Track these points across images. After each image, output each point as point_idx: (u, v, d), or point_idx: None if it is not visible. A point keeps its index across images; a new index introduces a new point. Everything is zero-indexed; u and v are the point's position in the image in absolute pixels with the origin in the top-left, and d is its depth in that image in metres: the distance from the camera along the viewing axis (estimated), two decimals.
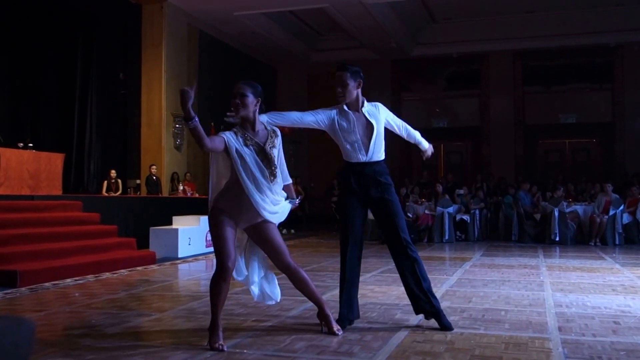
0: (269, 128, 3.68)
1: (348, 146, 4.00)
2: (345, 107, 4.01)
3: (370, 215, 4.21)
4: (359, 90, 4.04)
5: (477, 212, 12.51)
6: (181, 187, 12.51)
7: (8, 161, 8.82)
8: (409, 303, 4.80)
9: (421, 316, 4.29)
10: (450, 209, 12.05)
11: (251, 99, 3.56)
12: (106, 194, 11.48)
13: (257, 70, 17.38)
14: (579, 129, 17.64)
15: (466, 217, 12.29)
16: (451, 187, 13.57)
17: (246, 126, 3.62)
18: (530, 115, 17.82)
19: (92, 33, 12.73)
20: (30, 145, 9.81)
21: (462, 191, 12.96)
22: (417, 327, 3.99)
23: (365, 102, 4.09)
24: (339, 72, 3.98)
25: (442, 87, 19.27)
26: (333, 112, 4.06)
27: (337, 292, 4.19)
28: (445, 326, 3.86)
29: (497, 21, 16.35)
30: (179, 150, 13.55)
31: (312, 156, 18.68)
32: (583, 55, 17.04)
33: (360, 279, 6.19)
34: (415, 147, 4.63)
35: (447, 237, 11.87)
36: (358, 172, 3.98)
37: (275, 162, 3.58)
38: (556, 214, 11.31)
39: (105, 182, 11.87)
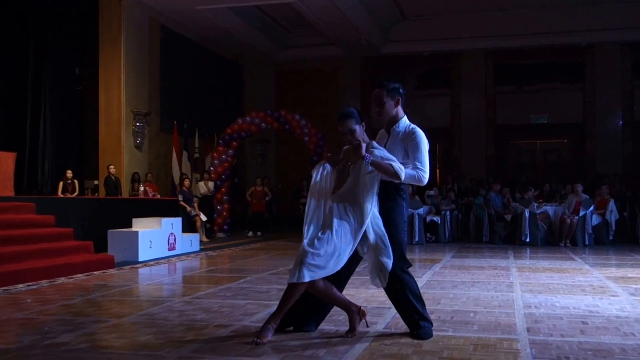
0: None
1: None
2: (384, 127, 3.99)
3: None
4: (399, 109, 3.96)
5: (448, 213, 12.68)
6: (142, 188, 12.36)
7: None
8: (378, 306, 4.87)
9: (389, 319, 4.35)
10: (421, 210, 12.19)
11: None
12: (62, 196, 11.28)
13: (222, 67, 17.29)
14: (550, 129, 18.03)
15: (437, 219, 12.45)
16: (421, 188, 13.70)
17: None
18: (501, 116, 18.14)
19: (45, 25, 12.47)
20: None
21: (432, 192, 13.11)
22: (385, 329, 4.03)
23: (402, 122, 3.95)
24: (376, 90, 3.95)
25: (412, 87, 19.42)
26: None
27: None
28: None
29: (469, 19, 16.58)
30: (140, 149, 13.39)
31: (280, 156, 18.68)
32: (555, 55, 17.42)
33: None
34: None
35: (417, 239, 11.99)
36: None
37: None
38: (527, 215, 11.55)
39: (61, 182, 11.66)
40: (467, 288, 5.91)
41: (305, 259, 3.55)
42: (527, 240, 11.48)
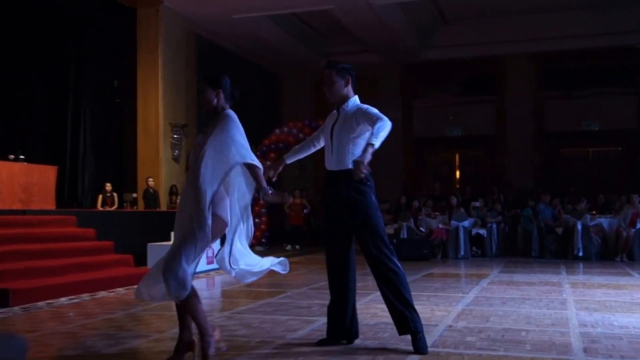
0: None
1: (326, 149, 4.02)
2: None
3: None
4: (349, 88, 4.00)
5: (494, 226, 12.50)
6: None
7: None
8: (425, 322, 4.82)
9: (436, 337, 4.32)
10: (466, 223, 12.05)
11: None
12: (101, 209, 11.55)
13: (260, 77, 17.48)
14: (602, 136, 17.59)
15: (483, 232, 12.28)
16: (466, 200, 13.56)
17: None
18: (550, 122, 17.78)
19: (84, 39, 12.83)
20: (22, 157, 9.87)
21: (477, 204, 12.96)
22: (432, 348, 4.00)
23: (352, 101, 3.98)
24: (326, 70, 3.99)
25: (455, 93, 19.24)
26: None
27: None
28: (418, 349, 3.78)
29: (514, 22, 16.34)
30: (177, 161, 13.62)
31: (318, 168, 18.69)
32: (606, 57, 17.02)
33: (370, 297, 6.24)
34: (429, 157, 4.56)
35: (462, 253, 11.86)
36: (328, 184, 4.00)
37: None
38: (579, 227, 11.30)
39: (100, 195, 11.93)
40: (517, 305, 5.82)
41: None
42: (580, 254, 11.22)
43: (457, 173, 19.06)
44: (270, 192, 3.55)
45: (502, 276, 8.53)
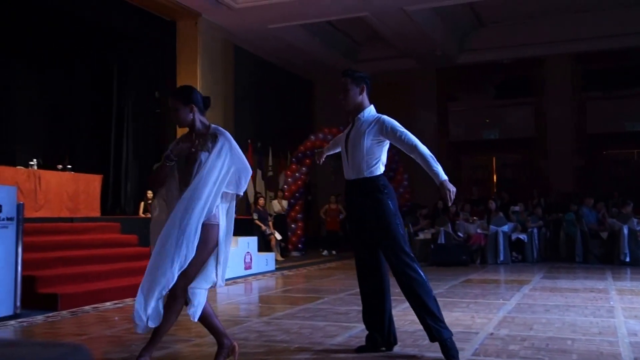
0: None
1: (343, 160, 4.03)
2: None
3: (422, 235, 4.21)
4: (364, 97, 3.99)
5: (535, 230, 12.26)
6: None
7: (48, 183, 9.19)
8: (463, 330, 4.77)
9: (477, 345, 4.25)
10: (505, 228, 11.86)
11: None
12: (143, 215, 11.76)
13: (294, 84, 17.59)
14: None
15: (523, 236, 12.05)
16: (505, 204, 13.34)
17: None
18: (592, 124, 17.34)
19: (126, 51, 13.13)
20: (69, 166, 10.16)
21: (517, 208, 12.74)
22: (473, 356, 3.94)
23: (367, 111, 3.98)
24: (342, 78, 3.99)
25: (492, 96, 19.00)
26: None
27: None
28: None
29: (552, 23, 16.05)
30: None
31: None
32: None
33: (407, 304, 6.16)
34: (465, 160, 4.54)
35: (502, 258, 11.66)
36: (347, 192, 4.00)
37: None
38: (625, 231, 11.00)
39: (143, 203, 12.15)
40: (562, 312, 5.68)
41: None
42: (627, 259, 10.92)
43: (494, 177, 18.80)
44: None
45: (545, 282, 8.35)
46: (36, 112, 11.50)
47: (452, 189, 3.70)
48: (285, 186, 14.37)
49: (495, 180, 18.64)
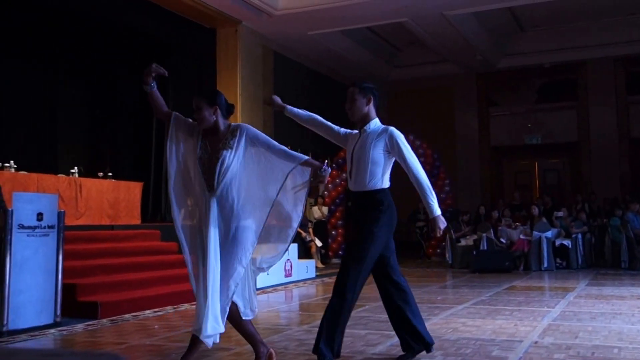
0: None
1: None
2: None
3: (464, 242, 4.14)
4: (371, 108, 3.94)
5: (580, 236, 11.94)
6: None
7: (89, 191, 9.30)
8: (507, 339, 4.64)
9: (521, 354, 4.13)
10: (549, 234, 11.57)
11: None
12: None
13: (333, 90, 17.53)
14: None
15: (567, 242, 11.74)
16: (548, 209, 13.04)
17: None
18: (636, 127, 16.89)
19: (167, 59, 13.29)
20: (110, 174, 10.29)
21: (561, 213, 12.43)
22: None
23: (374, 122, 3.93)
24: (350, 88, 3.99)
25: (533, 100, 18.69)
26: (353, 132, 4.07)
27: (426, 325, 4.08)
28: None
29: (594, 26, 15.73)
30: None
31: (394, 178, 18.52)
32: None
33: (450, 311, 6.06)
34: (507, 166, 4.44)
35: (545, 265, 11.38)
36: (351, 203, 3.96)
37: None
38: None
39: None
40: (608, 320, 5.50)
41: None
42: None
43: (537, 182, 18.45)
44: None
45: (590, 289, 8.11)
46: (78, 120, 11.65)
47: (443, 226, 3.74)
48: (326, 192, 14.34)
49: (537, 185, 18.30)
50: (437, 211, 3.72)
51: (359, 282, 3.79)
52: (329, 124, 4.20)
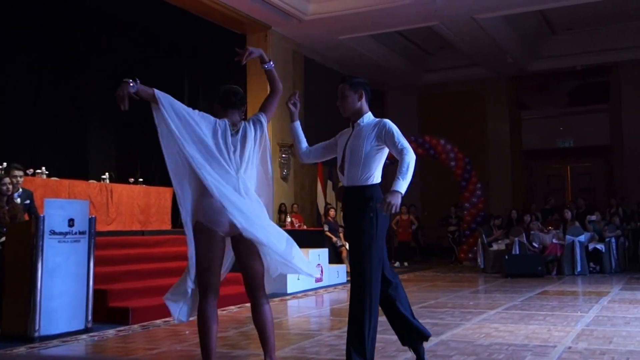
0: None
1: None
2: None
3: (496, 246, 4.06)
4: (363, 102, 3.85)
5: (613, 240, 11.67)
6: (289, 219, 12.72)
7: (120, 197, 9.38)
8: (540, 344, 4.53)
9: (554, 358, 4.04)
10: (582, 238, 11.34)
11: None
12: None
13: None
14: None
15: (600, 247, 11.49)
16: (581, 213, 12.79)
17: None
18: None
19: (197, 65, 13.41)
20: (140, 180, 10.37)
21: (594, 217, 12.18)
22: None
23: (367, 117, 3.84)
24: (340, 84, 3.92)
25: (565, 103, 18.40)
26: (343, 131, 4.03)
27: (458, 330, 4.01)
28: None
29: (627, 28, 15.40)
30: (286, 180, 13.86)
31: (425, 183, 18.34)
32: None
33: (482, 316, 5.96)
34: (539, 169, 4.33)
35: (579, 269, 11.15)
36: (343, 200, 3.87)
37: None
38: None
39: None
40: None
41: None
42: None
43: (569, 186, 18.14)
44: None
45: (624, 294, 7.91)
46: (109, 126, 11.71)
47: (396, 202, 3.46)
48: None
49: (570, 189, 17.99)
50: (401, 188, 3.50)
51: (375, 282, 3.74)
52: (321, 143, 4.19)
